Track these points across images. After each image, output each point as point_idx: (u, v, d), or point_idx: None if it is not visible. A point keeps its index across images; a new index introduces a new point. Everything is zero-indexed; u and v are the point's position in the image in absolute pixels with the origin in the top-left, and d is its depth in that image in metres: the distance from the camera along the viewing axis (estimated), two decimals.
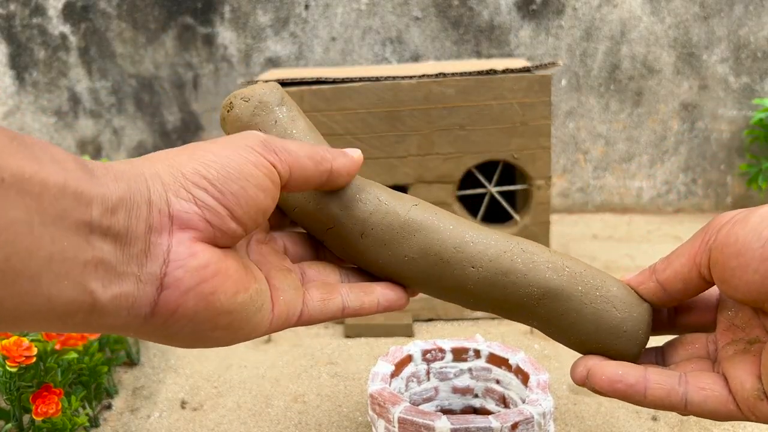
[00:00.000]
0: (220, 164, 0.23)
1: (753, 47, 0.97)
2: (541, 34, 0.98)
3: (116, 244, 0.20)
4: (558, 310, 0.30)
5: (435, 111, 0.60)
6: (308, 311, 0.27)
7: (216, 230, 0.23)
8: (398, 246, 0.29)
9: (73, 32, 1.00)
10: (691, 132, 1.01)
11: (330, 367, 0.55)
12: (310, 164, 0.26)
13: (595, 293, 0.30)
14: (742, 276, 0.25)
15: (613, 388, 0.28)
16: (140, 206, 0.21)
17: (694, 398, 0.27)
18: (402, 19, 0.99)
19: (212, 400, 0.50)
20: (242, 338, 0.25)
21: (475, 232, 0.30)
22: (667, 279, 0.29)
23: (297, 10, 0.99)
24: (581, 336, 0.30)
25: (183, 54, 1.01)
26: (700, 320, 0.31)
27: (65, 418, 0.41)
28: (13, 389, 0.40)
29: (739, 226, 0.26)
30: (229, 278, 0.23)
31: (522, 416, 0.36)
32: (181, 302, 0.22)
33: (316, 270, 0.30)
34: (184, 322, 0.22)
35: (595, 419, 0.46)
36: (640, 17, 0.97)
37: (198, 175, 0.22)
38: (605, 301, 0.30)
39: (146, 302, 0.21)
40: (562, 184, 1.05)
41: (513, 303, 0.30)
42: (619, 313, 0.30)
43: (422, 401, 0.45)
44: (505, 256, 0.30)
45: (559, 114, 1.02)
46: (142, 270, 0.21)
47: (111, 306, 0.20)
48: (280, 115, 0.29)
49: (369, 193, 0.30)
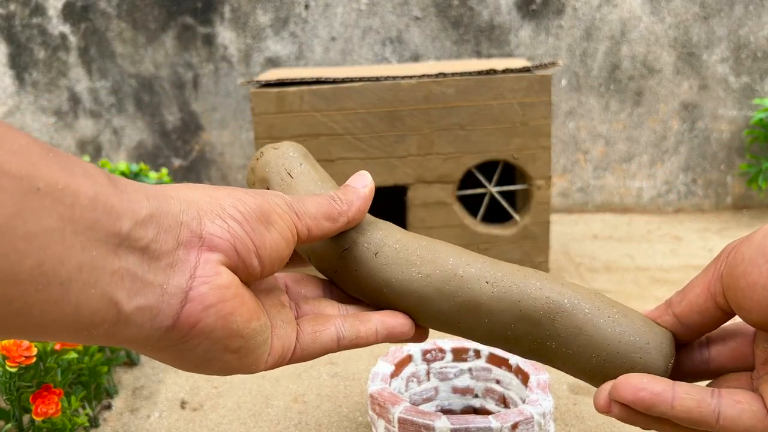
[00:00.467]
0: (255, 206, 0.24)
1: (753, 47, 0.97)
2: (541, 34, 0.98)
3: (143, 257, 0.21)
4: (576, 323, 0.29)
5: (435, 111, 0.60)
6: (300, 346, 0.28)
7: (240, 261, 0.24)
8: (412, 264, 0.30)
9: (73, 32, 1.00)
10: (691, 132, 1.01)
11: (330, 367, 0.55)
12: (328, 224, 0.28)
13: (611, 309, 0.29)
14: (752, 296, 0.24)
15: (638, 397, 0.26)
16: (170, 224, 0.22)
17: (728, 412, 0.25)
18: (402, 18, 0.99)
19: (212, 400, 0.50)
20: (246, 368, 0.25)
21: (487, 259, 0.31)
22: (683, 312, 0.28)
23: (297, 9, 0.99)
24: (601, 352, 0.28)
25: (183, 54, 1.01)
26: (738, 359, 0.29)
27: (65, 418, 0.41)
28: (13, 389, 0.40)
29: (745, 246, 0.25)
30: (245, 304, 0.24)
31: (522, 416, 0.36)
32: (202, 317, 0.22)
33: (312, 305, 0.30)
34: (201, 339, 0.23)
35: (595, 419, 0.46)
36: (640, 17, 0.97)
37: (235, 209, 0.24)
38: (623, 316, 0.29)
39: (169, 314, 0.22)
40: (562, 184, 1.05)
41: (530, 318, 0.29)
42: (639, 327, 0.29)
43: (422, 401, 0.45)
44: (518, 273, 0.30)
45: (559, 114, 1.02)
46: (168, 281, 0.22)
47: (135, 317, 0.21)
48: (304, 161, 0.33)
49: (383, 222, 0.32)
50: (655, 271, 0.77)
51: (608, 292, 0.70)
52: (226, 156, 1.04)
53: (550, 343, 0.29)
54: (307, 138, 0.60)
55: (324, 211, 0.27)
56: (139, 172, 0.76)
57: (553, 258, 0.82)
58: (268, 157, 0.33)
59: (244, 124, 1.02)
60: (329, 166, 0.60)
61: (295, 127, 0.60)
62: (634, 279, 0.75)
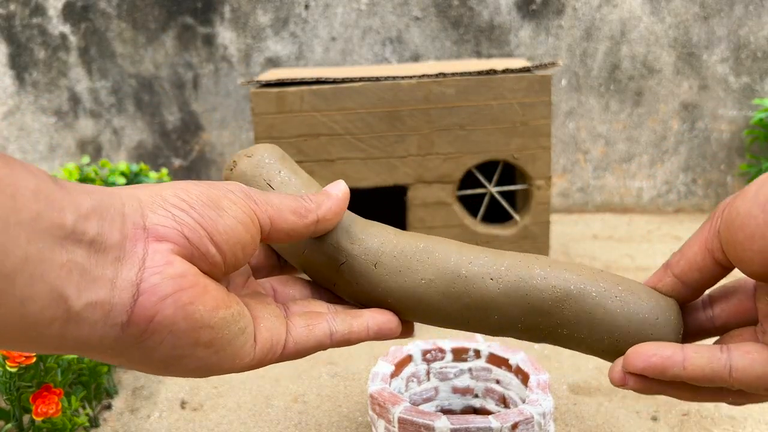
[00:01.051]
0: (201, 193, 0.23)
1: (753, 47, 0.97)
2: (541, 34, 0.98)
3: (90, 250, 0.20)
4: (585, 308, 0.29)
5: (435, 111, 0.60)
6: (293, 339, 0.27)
7: (194, 249, 0.22)
8: (414, 271, 0.29)
9: (73, 32, 1.00)
10: (691, 132, 1.01)
11: (330, 367, 0.55)
12: (294, 218, 0.26)
13: (617, 288, 0.29)
14: (752, 246, 0.25)
15: (649, 362, 0.27)
16: (113, 217, 0.21)
17: (740, 363, 0.25)
18: (402, 19, 0.99)
19: (212, 400, 0.50)
20: (226, 363, 0.24)
21: (486, 251, 0.30)
22: (682, 271, 0.29)
23: (297, 9, 0.99)
24: (614, 332, 0.29)
25: (183, 54, 1.01)
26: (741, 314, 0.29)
27: (65, 418, 0.41)
28: (13, 389, 0.40)
29: (740, 200, 0.26)
30: (208, 293, 0.23)
31: (522, 416, 0.36)
32: (158, 309, 0.21)
33: (301, 305, 0.29)
34: (164, 334, 0.22)
35: (595, 419, 0.46)
36: (640, 17, 0.97)
37: (178, 198, 0.23)
38: (630, 293, 0.29)
39: (122, 309, 0.21)
40: (562, 184, 1.05)
41: (538, 309, 0.29)
42: (647, 303, 0.29)
43: (422, 401, 0.45)
44: (520, 264, 0.30)
45: (559, 114, 1.02)
46: (117, 275, 0.21)
47: (87, 314, 0.20)
48: (282, 167, 0.31)
49: (375, 227, 0.30)
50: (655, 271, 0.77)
51: None
52: (226, 156, 1.04)
53: (561, 330, 0.30)
54: (307, 138, 0.60)
55: (289, 205, 0.26)
56: (139, 172, 0.76)
57: (553, 258, 0.82)
58: (243, 167, 0.31)
59: (244, 124, 1.02)
60: (329, 166, 0.60)
61: (295, 127, 0.60)
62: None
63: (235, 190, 0.25)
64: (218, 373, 0.24)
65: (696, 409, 0.47)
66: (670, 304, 0.30)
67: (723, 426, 0.44)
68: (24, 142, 1.03)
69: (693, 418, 0.45)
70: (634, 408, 0.47)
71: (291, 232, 0.26)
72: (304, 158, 0.61)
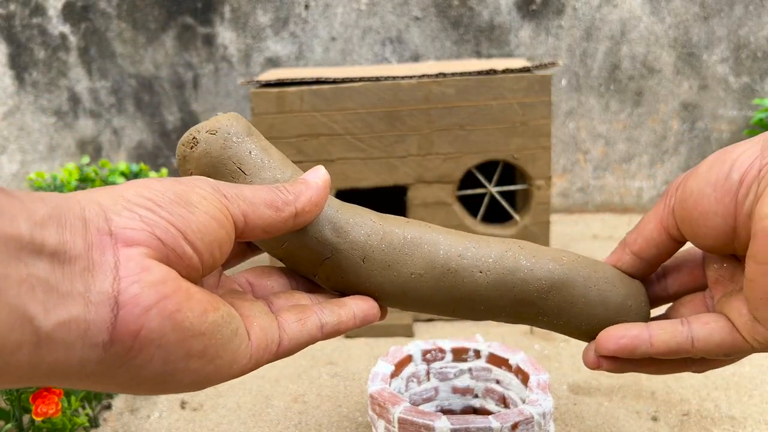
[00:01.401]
0: (165, 188, 0.21)
1: (753, 47, 0.97)
2: (541, 34, 0.98)
3: (53, 261, 0.18)
4: (567, 298, 0.30)
5: (435, 111, 0.60)
6: (287, 335, 0.25)
7: (169, 250, 0.20)
8: (403, 265, 0.28)
9: (73, 32, 1.00)
10: (691, 132, 1.01)
11: (330, 367, 0.55)
12: (270, 212, 0.24)
13: (596, 276, 0.31)
14: (706, 223, 0.27)
15: (619, 344, 0.29)
16: (73, 223, 0.19)
17: (700, 333, 0.28)
18: (402, 19, 0.99)
19: (212, 400, 0.50)
20: (224, 370, 0.22)
21: (472, 239, 0.30)
22: (640, 248, 0.31)
23: (297, 10, 0.99)
24: (592, 320, 0.31)
25: (183, 54, 1.01)
26: (692, 282, 0.32)
27: (65, 419, 0.41)
28: (13, 389, 0.40)
29: (692, 179, 0.28)
30: (193, 297, 0.20)
31: (522, 416, 0.36)
32: (143, 322, 0.19)
33: (284, 299, 0.28)
34: (152, 349, 0.19)
35: (595, 419, 0.46)
36: (640, 17, 0.97)
37: (141, 197, 0.20)
38: (606, 282, 0.31)
39: (102, 327, 0.18)
40: (562, 184, 1.04)
41: (523, 300, 0.30)
42: (621, 290, 0.31)
43: (422, 401, 0.45)
44: (508, 255, 0.30)
45: (559, 114, 1.02)
46: (90, 288, 0.18)
47: (59, 335, 0.18)
48: (252, 145, 0.27)
49: (361, 216, 0.29)
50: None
51: None
52: None
53: (541, 318, 0.31)
54: (307, 138, 0.60)
55: (264, 198, 0.24)
56: (139, 172, 0.76)
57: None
58: (207, 146, 0.26)
59: None
60: (329, 166, 0.60)
61: (294, 127, 0.60)
62: None
63: (202, 184, 0.23)
64: (217, 382, 0.23)
65: (696, 409, 0.47)
66: (639, 288, 0.32)
67: (723, 426, 0.44)
68: (24, 142, 1.03)
69: (693, 418, 0.45)
70: (634, 408, 0.47)
71: (267, 228, 0.24)
72: (304, 158, 0.61)
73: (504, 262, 0.30)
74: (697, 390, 0.49)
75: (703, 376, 0.51)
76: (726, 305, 0.28)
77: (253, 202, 0.24)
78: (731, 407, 0.47)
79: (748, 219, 0.26)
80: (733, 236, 0.27)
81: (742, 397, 0.48)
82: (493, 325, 0.62)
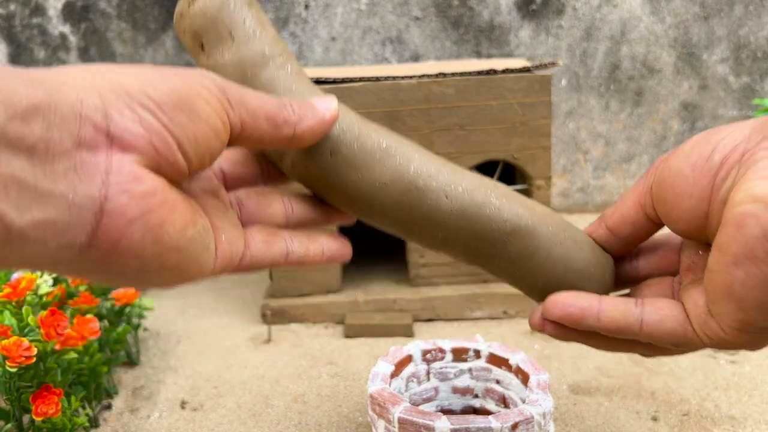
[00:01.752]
0: (170, 89, 0.20)
1: (753, 47, 0.97)
2: (541, 34, 0.98)
3: (32, 159, 0.17)
4: (528, 248, 0.29)
5: (435, 111, 0.60)
6: (251, 253, 0.25)
7: (162, 159, 0.19)
8: (370, 170, 0.27)
9: (73, 32, 1.00)
10: (692, 132, 1.01)
11: (330, 367, 0.55)
12: (267, 127, 0.23)
13: (564, 234, 0.30)
14: (680, 205, 0.25)
15: (566, 312, 0.28)
16: (65, 117, 0.17)
17: (651, 318, 0.26)
18: (402, 19, 0.99)
19: (212, 400, 0.50)
20: (187, 278, 0.22)
21: (448, 165, 0.30)
22: (615, 224, 0.29)
23: (297, 9, 0.99)
24: (550, 278, 0.29)
25: (183, 54, 1.01)
26: (665, 266, 0.30)
27: (65, 419, 0.41)
28: (13, 389, 0.40)
29: (672, 158, 0.26)
30: (177, 210, 0.20)
31: (522, 416, 0.36)
32: (125, 233, 0.19)
33: (255, 201, 0.27)
34: (129, 259, 0.19)
35: (595, 419, 0.46)
36: (640, 17, 0.97)
37: (145, 95, 0.19)
38: (573, 243, 0.30)
39: (81, 230, 0.18)
40: (563, 184, 1.05)
41: (483, 238, 0.29)
42: (587, 255, 0.30)
43: (422, 401, 0.45)
44: (480, 189, 0.29)
45: (559, 114, 1.02)
46: (75, 190, 0.17)
47: (32, 233, 0.17)
48: (249, 15, 0.26)
49: (343, 113, 0.28)
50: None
51: None
52: None
53: (498, 262, 0.29)
54: None
55: (267, 110, 0.23)
56: None
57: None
58: (204, 5, 0.26)
59: None
60: None
61: None
62: None
63: (209, 85, 0.21)
64: (175, 286, 0.23)
65: (696, 409, 0.47)
66: (607, 261, 0.30)
67: (723, 426, 0.45)
68: None
69: (693, 418, 0.45)
70: (634, 408, 0.47)
71: (260, 141, 0.23)
72: None
73: (473, 194, 0.28)
74: (697, 390, 0.49)
75: (703, 376, 0.51)
76: (686, 294, 0.27)
77: (256, 112, 0.23)
78: (731, 407, 0.47)
79: (722, 205, 0.24)
80: (706, 222, 0.25)
81: (743, 397, 0.48)
82: (493, 325, 0.62)
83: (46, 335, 0.42)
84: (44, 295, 0.47)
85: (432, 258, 0.64)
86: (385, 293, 0.64)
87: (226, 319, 0.66)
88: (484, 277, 0.64)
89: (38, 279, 0.46)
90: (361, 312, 0.63)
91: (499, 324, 0.62)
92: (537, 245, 0.29)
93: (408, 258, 0.65)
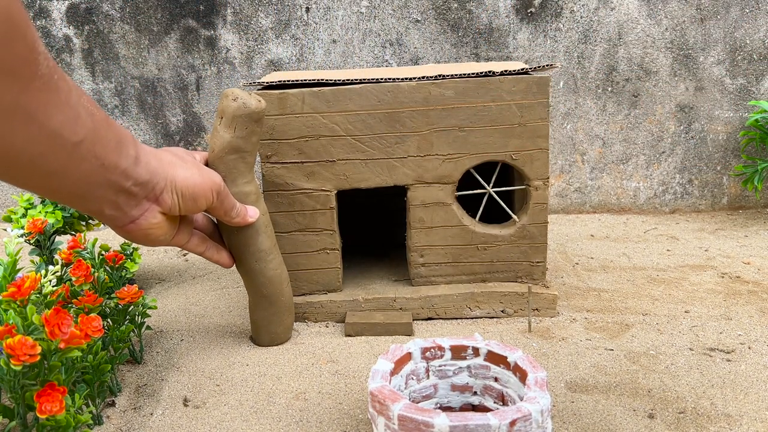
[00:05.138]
0: (193, 187, 0.45)
1: (749, 49, 0.98)
2: (539, 37, 0.99)
3: (129, 199, 0.41)
4: None
5: (434, 112, 0.60)
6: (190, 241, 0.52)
7: (169, 213, 0.45)
8: (252, 243, 0.56)
9: (77, 34, 1.01)
10: (688, 133, 1.02)
11: (331, 365, 0.56)
12: (223, 213, 0.51)
13: None
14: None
15: None
16: (151, 188, 0.42)
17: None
18: (402, 22, 0.99)
19: (214, 397, 0.51)
20: (151, 245, 0.47)
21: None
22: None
23: (298, 13, 0.99)
24: None
25: (186, 56, 1.02)
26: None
27: (69, 416, 0.41)
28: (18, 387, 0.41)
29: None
30: (161, 228, 0.45)
31: (520, 413, 0.36)
32: (133, 229, 0.43)
33: (201, 231, 0.55)
34: (134, 236, 0.44)
35: (592, 416, 0.46)
36: (636, 20, 0.98)
37: (178, 189, 0.44)
38: None
39: (121, 223, 0.42)
40: (560, 184, 1.05)
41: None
42: None
43: (422, 399, 0.45)
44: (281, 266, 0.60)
45: (557, 115, 1.02)
46: (131, 212, 0.42)
47: (107, 215, 0.41)
48: (255, 128, 0.54)
49: (259, 218, 0.56)
50: (651, 271, 0.78)
51: (605, 291, 0.71)
52: None
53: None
54: (309, 139, 0.61)
55: (227, 207, 0.50)
56: None
57: (551, 257, 0.83)
58: (236, 106, 0.52)
59: None
60: (330, 167, 0.61)
61: (296, 129, 0.60)
62: (630, 278, 0.75)
63: (214, 187, 0.48)
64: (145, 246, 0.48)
65: (692, 407, 0.47)
66: None
67: (719, 423, 0.45)
68: None
69: (689, 416, 0.46)
70: (631, 406, 0.48)
71: (216, 216, 0.51)
72: (305, 159, 0.61)
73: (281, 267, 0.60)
74: (693, 388, 0.50)
75: (699, 374, 0.52)
76: None
77: (224, 204, 0.50)
78: (727, 405, 0.47)
79: None
80: None
81: (738, 395, 0.49)
82: (491, 323, 0.63)
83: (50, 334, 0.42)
84: (48, 294, 0.47)
85: (431, 258, 0.64)
86: (385, 292, 0.64)
87: (228, 317, 0.67)
88: (482, 277, 0.65)
89: (42, 279, 0.47)
90: (361, 311, 0.64)
91: (497, 322, 0.63)
92: None
93: (408, 258, 0.65)
